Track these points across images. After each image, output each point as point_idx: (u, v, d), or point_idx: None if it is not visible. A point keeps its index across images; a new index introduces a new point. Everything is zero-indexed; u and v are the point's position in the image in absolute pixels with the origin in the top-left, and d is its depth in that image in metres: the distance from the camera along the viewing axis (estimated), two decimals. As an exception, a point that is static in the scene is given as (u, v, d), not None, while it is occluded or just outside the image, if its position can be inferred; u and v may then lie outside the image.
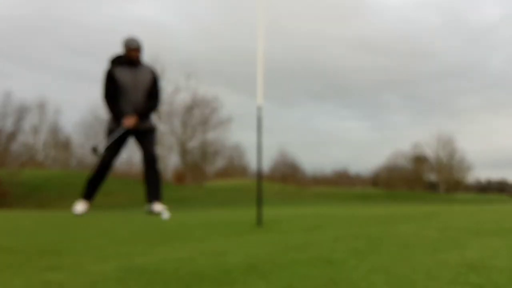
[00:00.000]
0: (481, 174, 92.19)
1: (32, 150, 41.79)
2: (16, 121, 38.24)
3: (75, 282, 1.42)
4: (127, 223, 4.02)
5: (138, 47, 5.28)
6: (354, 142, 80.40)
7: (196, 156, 40.53)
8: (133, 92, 5.30)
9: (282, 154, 57.35)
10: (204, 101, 39.48)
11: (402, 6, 74.67)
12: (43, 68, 60.63)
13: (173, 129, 38.08)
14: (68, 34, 56.13)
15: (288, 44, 64.06)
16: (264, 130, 3.44)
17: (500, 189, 67.79)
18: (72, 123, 52.36)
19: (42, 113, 41.43)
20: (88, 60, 64.74)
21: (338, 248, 2.06)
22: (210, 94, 39.81)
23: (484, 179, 72.01)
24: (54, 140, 43.37)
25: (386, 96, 78.90)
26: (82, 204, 5.37)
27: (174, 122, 38.31)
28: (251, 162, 53.39)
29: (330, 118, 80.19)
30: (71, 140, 43.76)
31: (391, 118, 78.75)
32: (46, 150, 43.76)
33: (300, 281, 1.40)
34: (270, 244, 2.29)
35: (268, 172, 52.18)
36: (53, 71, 62.10)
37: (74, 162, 45.40)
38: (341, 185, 55.78)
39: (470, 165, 56.66)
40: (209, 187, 33.13)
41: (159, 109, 5.63)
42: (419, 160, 59.01)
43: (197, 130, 39.60)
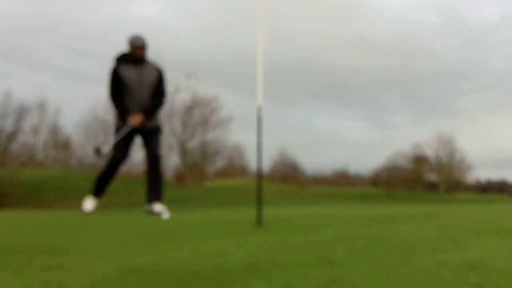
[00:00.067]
0: (481, 174, 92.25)
1: (32, 150, 41.80)
2: (16, 121, 38.27)
3: (75, 282, 1.42)
4: (127, 223, 4.02)
5: (143, 45, 5.24)
6: (354, 142, 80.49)
7: (196, 156, 40.53)
8: (138, 90, 5.27)
9: (282, 154, 57.43)
10: (204, 101, 39.51)
11: (402, 6, 74.79)
12: (43, 68, 60.72)
13: (173, 129, 38.07)
14: (68, 34, 56.20)
15: (288, 44, 64.13)
16: (264, 130, 3.44)
17: (500, 189, 67.80)
18: (72, 123, 52.39)
19: (42, 113, 41.46)
20: (88, 60, 64.93)
21: (338, 248, 2.06)
22: (210, 94, 39.84)
23: (484, 179, 72.12)
24: (54, 140, 43.37)
25: (386, 96, 78.99)
26: (91, 201, 5.40)
27: (174, 122, 38.32)
28: (251, 162, 53.43)
29: (330, 118, 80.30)
30: (71, 140, 43.81)
31: (391, 118, 78.84)
32: (46, 150, 43.78)
33: (300, 281, 1.40)
34: (270, 244, 2.29)
35: (268, 172, 52.21)
36: (53, 71, 62.17)
37: (74, 162, 45.43)
38: (341, 185, 55.79)
39: (470, 165, 56.73)
40: (209, 187, 33.13)
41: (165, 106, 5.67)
42: (419, 160, 59.02)
43: (197, 130, 39.62)
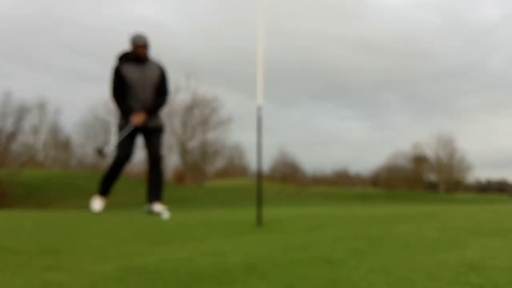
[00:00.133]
0: (481, 174, 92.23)
1: (32, 150, 41.80)
2: (16, 121, 38.29)
3: (75, 282, 1.42)
4: (127, 223, 4.02)
5: (145, 44, 5.22)
6: (354, 142, 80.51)
7: (196, 156, 40.54)
8: (141, 89, 5.25)
9: (282, 154, 57.43)
10: (204, 101, 39.54)
11: (402, 6, 74.79)
12: (43, 68, 60.76)
13: (173, 129, 38.07)
14: (68, 34, 56.24)
15: (288, 44, 64.13)
16: (264, 130, 3.43)
17: (500, 189, 67.80)
18: (72, 123, 52.36)
19: (42, 113, 41.48)
20: (88, 60, 64.98)
21: (338, 248, 2.06)
22: (210, 94, 39.87)
23: (484, 179, 72.12)
24: (54, 140, 43.38)
25: (386, 96, 78.99)
26: (98, 201, 5.42)
27: (174, 122, 38.32)
28: (251, 162, 53.43)
29: (330, 118, 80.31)
30: (71, 140, 43.85)
31: (391, 118, 78.85)
32: (46, 150, 43.79)
33: (300, 281, 1.40)
34: (270, 244, 2.29)
35: (268, 172, 52.21)
36: (53, 71, 62.21)
37: (74, 162, 45.45)
38: (341, 185, 55.80)
39: (470, 165, 56.74)
40: (209, 187, 33.13)
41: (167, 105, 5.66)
42: (419, 160, 59.02)
43: (197, 130, 39.64)
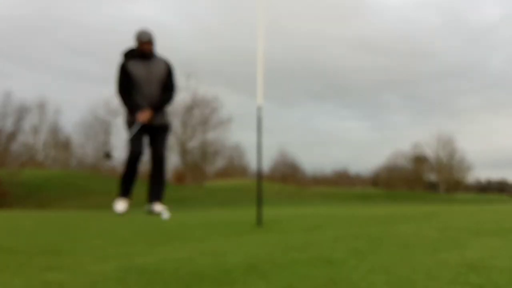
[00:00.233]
0: (481, 174, 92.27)
1: (32, 150, 41.82)
2: (16, 121, 38.31)
3: (75, 282, 1.42)
4: (127, 223, 4.02)
5: (150, 40, 5.18)
6: (354, 142, 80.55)
7: (196, 156, 40.55)
8: (147, 85, 5.22)
9: (282, 154, 57.45)
10: (204, 101, 39.57)
11: (402, 6, 74.89)
12: (43, 68, 60.86)
13: (173, 129, 38.08)
14: (68, 34, 56.35)
15: (288, 44, 64.19)
16: (264, 130, 3.43)
17: (500, 189, 67.82)
18: (72, 123, 52.38)
19: (42, 113, 41.52)
20: (88, 60, 65.10)
21: (338, 248, 2.06)
22: (210, 94, 39.91)
23: (484, 179, 72.16)
24: (54, 140, 43.40)
25: (386, 96, 79.04)
26: (121, 202, 5.30)
27: (174, 122, 38.33)
28: (251, 162, 53.45)
29: (330, 118, 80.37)
30: (71, 140, 43.89)
31: (391, 118, 78.90)
32: (46, 150, 43.81)
33: (300, 281, 1.40)
34: (270, 244, 2.29)
35: (268, 172, 52.22)
36: (53, 71, 62.30)
37: (74, 162, 45.47)
38: (341, 185, 55.81)
39: (470, 165, 56.75)
40: (209, 187, 33.13)
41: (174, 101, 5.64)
42: (419, 160, 59.02)
43: (197, 130, 39.67)
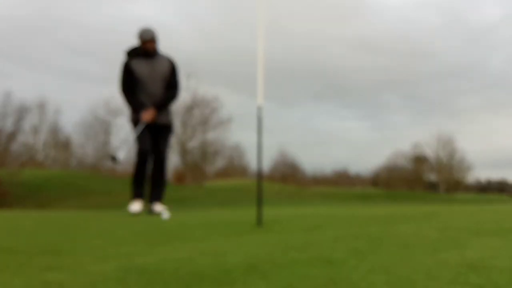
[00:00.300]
0: (481, 174, 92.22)
1: (32, 150, 41.81)
2: (16, 121, 38.30)
3: (75, 282, 1.42)
4: (127, 223, 4.01)
5: (153, 38, 5.15)
6: (354, 142, 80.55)
7: (196, 156, 40.54)
8: (151, 83, 5.19)
9: (282, 154, 57.44)
10: (204, 101, 39.53)
11: (402, 6, 74.88)
12: (43, 68, 60.83)
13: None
14: (68, 34, 56.38)
15: (288, 44, 64.18)
16: (264, 130, 3.43)
17: (500, 189, 67.82)
18: (72, 123, 52.36)
19: (42, 113, 41.51)
20: (88, 60, 65.13)
21: (338, 248, 2.06)
22: (210, 94, 39.85)
23: (484, 179, 72.15)
24: (54, 140, 43.40)
25: (386, 96, 79.04)
26: (136, 203, 5.21)
27: (174, 122, 38.31)
28: (251, 162, 53.45)
29: (330, 118, 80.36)
30: (71, 140, 43.89)
31: (391, 118, 78.89)
32: (46, 150, 43.81)
33: (300, 281, 1.40)
34: (270, 244, 2.29)
35: (268, 172, 52.23)
36: (53, 71, 62.27)
37: (74, 162, 45.47)
38: (341, 185, 55.81)
39: (470, 165, 56.74)
40: (209, 187, 33.12)
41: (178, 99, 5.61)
42: (419, 160, 59.01)
43: (197, 130, 39.64)
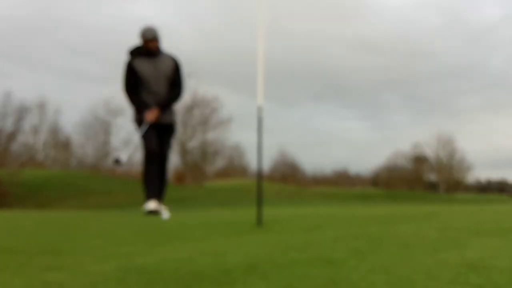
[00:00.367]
0: (481, 174, 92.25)
1: (32, 150, 41.81)
2: (16, 121, 38.30)
3: (75, 282, 1.42)
4: (127, 223, 4.02)
5: (155, 37, 5.08)
6: (354, 142, 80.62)
7: (196, 156, 40.53)
8: (154, 82, 5.15)
9: (282, 154, 57.47)
10: (204, 101, 39.52)
11: (402, 6, 74.96)
12: (43, 68, 60.87)
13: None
14: (68, 34, 56.40)
15: (288, 44, 64.21)
16: (264, 130, 3.43)
17: (500, 189, 67.85)
18: (72, 123, 52.34)
19: (42, 113, 41.50)
20: (88, 60, 65.19)
21: (338, 248, 2.06)
22: (210, 94, 39.84)
23: (484, 179, 72.19)
24: (54, 140, 43.39)
25: (386, 96, 79.11)
26: (151, 203, 5.06)
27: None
28: (251, 162, 53.50)
29: (330, 118, 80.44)
30: (71, 140, 43.87)
31: (391, 118, 78.96)
32: (46, 150, 43.81)
33: (300, 281, 1.40)
34: (270, 244, 2.29)
35: (268, 172, 52.24)
36: (53, 71, 62.31)
37: (74, 162, 45.45)
38: (341, 185, 55.83)
39: (470, 165, 56.75)
40: (209, 187, 33.13)
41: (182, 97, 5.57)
42: (419, 160, 59.01)
43: (197, 130, 39.64)
